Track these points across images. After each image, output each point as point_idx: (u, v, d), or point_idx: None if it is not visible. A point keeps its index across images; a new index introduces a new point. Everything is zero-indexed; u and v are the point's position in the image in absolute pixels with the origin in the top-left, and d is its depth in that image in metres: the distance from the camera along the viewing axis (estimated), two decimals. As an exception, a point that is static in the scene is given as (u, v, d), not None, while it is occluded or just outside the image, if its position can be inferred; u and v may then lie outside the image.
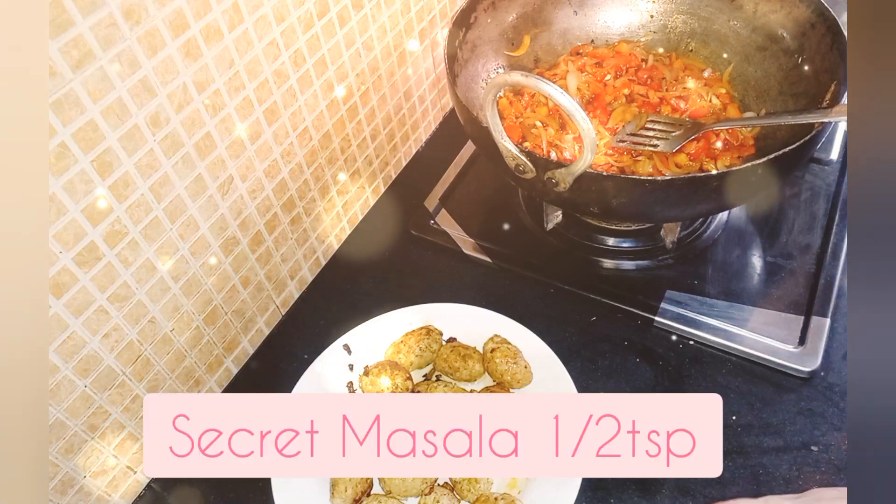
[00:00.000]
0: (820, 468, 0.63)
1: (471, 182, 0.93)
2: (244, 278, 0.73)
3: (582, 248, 0.83)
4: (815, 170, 0.88)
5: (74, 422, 0.58)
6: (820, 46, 0.76)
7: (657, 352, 0.73)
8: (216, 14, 0.57)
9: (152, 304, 0.62)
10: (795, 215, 0.84)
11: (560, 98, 0.56)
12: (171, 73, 0.55)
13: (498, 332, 0.72)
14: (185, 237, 0.63)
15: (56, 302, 0.53)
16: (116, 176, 0.54)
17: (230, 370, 0.76)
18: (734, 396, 0.69)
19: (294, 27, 0.67)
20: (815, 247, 0.80)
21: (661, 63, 0.88)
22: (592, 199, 0.66)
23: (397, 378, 0.69)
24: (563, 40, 0.92)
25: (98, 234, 0.54)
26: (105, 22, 0.48)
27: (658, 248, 0.82)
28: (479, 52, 0.85)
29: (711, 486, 0.63)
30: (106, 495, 0.64)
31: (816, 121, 0.66)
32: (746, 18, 0.84)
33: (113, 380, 0.60)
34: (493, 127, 0.64)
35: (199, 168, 0.62)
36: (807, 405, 0.68)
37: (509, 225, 0.87)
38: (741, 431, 0.66)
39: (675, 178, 0.62)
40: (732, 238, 0.82)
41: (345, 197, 0.86)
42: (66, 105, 0.48)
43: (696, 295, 0.76)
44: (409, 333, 0.73)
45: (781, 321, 0.73)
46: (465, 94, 0.82)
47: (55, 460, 0.58)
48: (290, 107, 0.70)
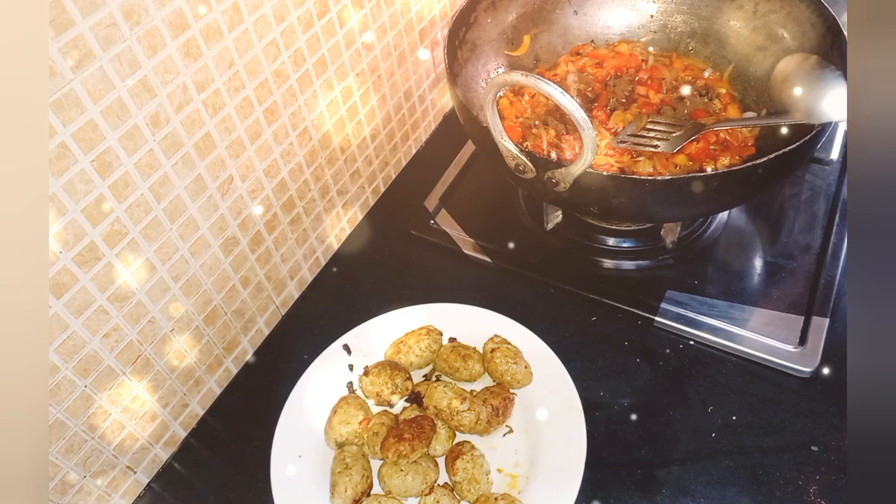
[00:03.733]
0: (820, 468, 0.63)
1: (471, 182, 0.93)
2: (244, 278, 0.73)
3: (582, 248, 0.83)
4: (815, 170, 0.88)
5: (74, 422, 0.58)
6: (820, 46, 0.76)
7: (657, 352, 0.73)
8: (216, 14, 0.57)
9: (152, 304, 0.62)
10: (795, 215, 0.84)
11: (560, 98, 0.56)
12: (171, 73, 0.55)
13: (498, 332, 0.72)
14: (185, 237, 0.63)
15: (56, 302, 0.53)
16: (116, 176, 0.54)
17: (230, 370, 0.76)
18: (734, 396, 0.69)
19: (294, 27, 0.67)
20: (815, 247, 0.80)
21: (661, 63, 0.88)
22: (592, 199, 0.66)
23: (397, 378, 0.69)
24: (563, 40, 0.92)
25: (98, 234, 0.54)
26: (105, 22, 0.48)
27: (658, 248, 0.82)
28: (479, 52, 0.85)
29: (711, 486, 0.63)
30: (106, 495, 0.64)
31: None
32: (746, 18, 0.84)
33: (113, 380, 0.60)
34: (493, 127, 0.64)
35: (199, 168, 0.62)
36: (807, 405, 0.68)
37: (509, 225, 0.87)
38: (741, 431, 0.66)
39: (675, 178, 0.62)
40: (732, 238, 0.82)
41: (345, 197, 0.86)
42: (66, 105, 0.48)
43: (697, 295, 0.76)
44: (409, 333, 0.73)
45: (781, 321, 0.73)
46: (465, 94, 0.82)
47: (55, 460, 0.58)
48: (289, 107, 0.70)
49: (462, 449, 0.64)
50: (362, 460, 0.64)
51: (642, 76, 0.86)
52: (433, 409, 0.66)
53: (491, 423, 0.66)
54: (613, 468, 0.65)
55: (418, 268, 0.84)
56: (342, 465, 0.63)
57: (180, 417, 0.70)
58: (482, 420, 0.65)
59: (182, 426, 0.71)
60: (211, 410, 0.74)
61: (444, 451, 0.65)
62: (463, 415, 0.65)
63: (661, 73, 0.86)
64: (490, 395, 0.67)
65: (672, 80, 0.86)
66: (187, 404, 0.71)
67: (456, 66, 0.79)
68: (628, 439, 0.67)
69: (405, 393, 0.69)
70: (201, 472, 0.69)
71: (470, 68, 0.84)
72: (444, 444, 0.65)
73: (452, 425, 0.66)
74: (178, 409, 0.70)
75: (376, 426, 0.65)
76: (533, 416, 0.67)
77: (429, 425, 0.64)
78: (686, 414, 0.68)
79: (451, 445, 0.65)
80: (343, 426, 0.66)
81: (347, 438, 0.66)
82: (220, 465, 0.69)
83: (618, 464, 0.65)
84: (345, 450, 0.65)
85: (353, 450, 0.65)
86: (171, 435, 0.70)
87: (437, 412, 0.66)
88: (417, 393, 0.69)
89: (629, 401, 0.69)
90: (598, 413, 0.69)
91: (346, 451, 0.65)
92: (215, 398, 0.74)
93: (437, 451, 0.65)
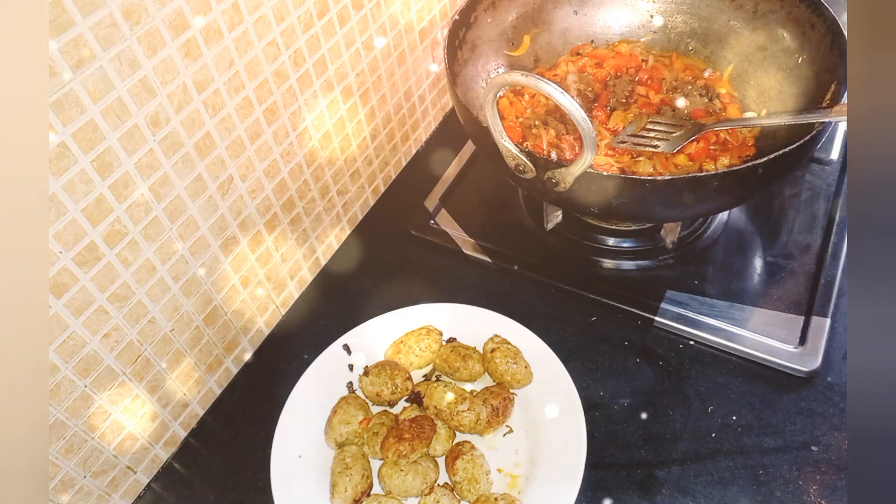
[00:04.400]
0: (820, 468, 0.63)
1: (471, 182, 0.93)
2: (244, 278, 0.73)
3: (582, 248, 0.83)
4: (815, 170, 0.88)
5: (74, 422, 0.58)
6: (820, 46, 0.76)
7: (657, 352, 0.73)
8: (216, 14, 0.57)
9: (152, 303, 0.62)
10: (795, 215, 0.84)
11: (560, 98, 0.56)
12: (171, 73, 0.55)
13: (498, 332, 0.72)
14: (185, 237, 0.63)
15: (56, 302, 0.53)
16: (116, 176, 0.54)
17: (230, 370, 0.76)
18: (734, 396, 0.69)
19: (294, 27, 0.67)
20: (815, 247, 0.80)
21: (661, 63, 0.88)
22: (592, 199, 0.66)
23: (397, 378, 0.69)
24: (563, 40, 0.92)
25: (98, 234, 0.54)
26: (105, 22, 0.48)
27: (658, 248, 0.82)
28: (479, 52, 0.85)
29: (711, 486, 0.63)
30: (106, 495, 0.64)
31: (816, 121, 0.66)
32: (746, 18, 0.84)
33: (113, 380, 0.60)
34: (493, 127, 0.64)
35: (199, 168, 0.62)
36: (807, 405, 0.68)
37: (509, 225, 0.87)
38: (741, 431, 0.66)
39: (675, 178, 0.62)
40: (732, 238, 0.82)
41: (345, 197, 0.86)
42: (66, 105, 0.48)
43: (697, 295, 0.76)
44: (409, 333, 0.73)
45: (781, 321, 0.73)
46: (465, 94, 0.82)
47: (55, 460, 0.58)
48: (289, 107, 0.70)
49: (462, 449, 0.64)
50: (362, 460, 0.64)
51: (642, 76, 0.86)
52: (433, 409, 0.66)
53: (491, 423, 0.66)
54: (613, 468, 0.65)
55: (418, 268, 0.84)
56: (342, 465, 0.63)
57: (180, 417, 0.70)
58: (482, 420, 0.65)
59: (182, 426, 0.71)
60: (211, 410, 0.74)
61: (444, 451, 0.65)
62: (463, 415, 0.65)
63: (660, 73, 0.86)
64: (490, 395, 0.67)
65: (672, 80, 0.86)
66: (187, 404, 0.71)
67: (456, 67, 0.79)
68: (628, 439, 0.67)
69: (405, 393, 0.69)
70: (201, 472, 0.69)
71: (470, 68, 0.84)
72: (444, 444, 0.65)
73: (452, 425, 0.66)
74: (178, 409, 0.70)
75: (376, 426, 0.65)
76: (533, 416, 0.67)
77: (429, 425, 0.64)
78: (686, 414, 0.68)
79: (451, 445, 0.65)
80: (343, 426, 0.66)
81: (347, 438, 0.66)
82: (220, 465, 0.69)
83: (618, 464, 0.65)
84: (345, 450, 0.65)
85: (353, 450, 0.65)
86: (171, 435, 0.70)
87: (437, 412, 0.66)
88: (417, 393, 0.69)
89: (629, 401, 0.69)
90: (598, 413, 0.69)
91: (346, 451, 0.65)
92: (215, 398, 0.74)
93: (437, 451, 0.65)
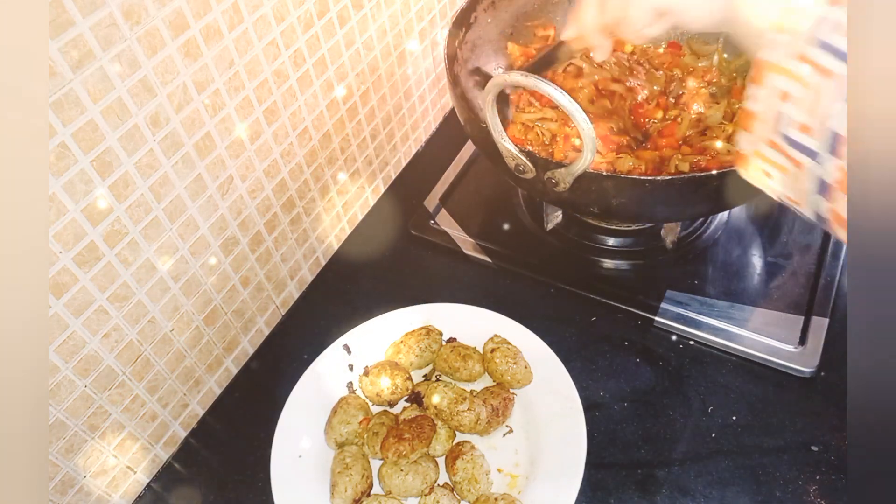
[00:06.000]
0: (820, 468, 0.63)
1: (471, 182, 0.93)
2: (244, 278, 0.73)
3: (582, 248, 0.83)
4: (815, 170, 0.88)
5: (74, 422, 0.58)
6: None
7: (657, 352, 0.73)
8: (216, 14, 0.57)
9: (152, 304, 0.62)
10: (795, 215, 0.83)
11: (560, 98, 0.56)
12: (171, 73, 0.55)
13: (498, 332, 0.72)
14: (185, 237, 0.63)
15: (56, 302, 0.53)
16: (116, 176, 0.54)
17: (230, 370, 0.76)
18: (734, 396, 0.69)
19: (294, 27, 0.67)
20: (815, 247, 0.80)
21: (661, 62, 0.88)
22: (592, 199, 0.66)
23: (397, 378, 0.69)
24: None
25: (98, 234, 0.54)
26: (105, 22, 0.48)
27: (658, 248, 0.82)
28: (479, 52, 0.85)
29: (711, 486, 0.63)
30: (106, 495, 0.64)
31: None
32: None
33: (113, 380, 0.60)
34: (493, 127, 0.64)
35: (199, 168, 0.62)
36: (807, 405, 0.68)
37: (509, 225, 0.87)
38: (741, 431, 0.66)
39: (675, 178, 0.62)
40: (732, 238, 0.82)
41: (345, 197, 0.86)
42: (66, 105, 0.48)
43: (697, 295, 0.76)
44: (409, 333, 0.73)
45: (781, 321, 0.73)
46: (465, 94, 0.82)
47: (55, 460, 0.58)
48: (289, 107, 0.70)
49: (462, 449, 0.64)
50: (362, 460, 0.64)
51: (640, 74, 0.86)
52: (433, 409, 0.66)
53: (491, 423, 0.66)
54: (613, 468, 0.65)
55: (418, 268, 0.84)
56: (342, 465, 0.63)
57: (180, 417, 0.70)
58: (482, 420, 0.65)
59: (182, 426, 0.71)
60: (211, 410, 0.74)
61: (444, 451, 0.65)
62: (463, 415, 0.65)
63: (659, 69, 0.86)
64: (490, 395, 0.67)
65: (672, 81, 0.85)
66: (187, 404, 0.71)
67: (456, 67, 0.79)
68: (628, 439, 0.67)
69: (405, 393, 0.69)
70: (201, 472, 0.69)
71: (470, 68, 0.84)
72: (444, 444, 0.65)
73: (452, 425, 0.66)
74: (178, 409, 0.70)
75: (376, 426, 0.65)
76: (533, 416, 0.67)
77: (429, 425, 0.64)
78: (686, 414, 0.68)
79: (451, 445, 0.65)
80: (343, 426, 0.66)
81: (347, 438, 0.66)
82: (220, 465, 0.69)
83: (618, 464, 0.65)
84: (345, 450, 0.65)
85: (353, 450, 0.65)
86: (171, 435, 0.70)
87: (437, 412, 0.66)
88: (417, 393, 0.69)
89: (629, 401, 0.69)
90: (598, 413, 0.69)
91: (346, 451, 0.65)
92: (215, 398, 0.74)
93: (437, 451, 0.65)
